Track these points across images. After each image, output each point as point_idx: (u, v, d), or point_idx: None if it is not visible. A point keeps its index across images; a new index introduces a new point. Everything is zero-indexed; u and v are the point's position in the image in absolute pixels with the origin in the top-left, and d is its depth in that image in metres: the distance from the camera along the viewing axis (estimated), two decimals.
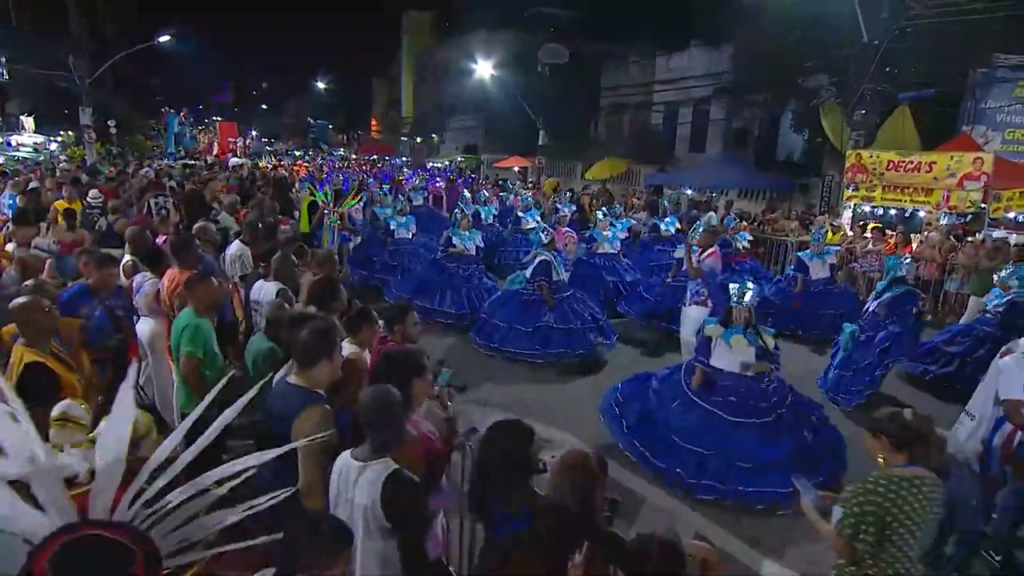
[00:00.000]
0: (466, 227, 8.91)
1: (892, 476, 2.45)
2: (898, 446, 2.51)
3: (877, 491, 2.41)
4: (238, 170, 19.65)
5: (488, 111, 27.98)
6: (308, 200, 10.25)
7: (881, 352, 6.09)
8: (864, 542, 2.41)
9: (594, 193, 18.30)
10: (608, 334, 7.38)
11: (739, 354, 4.70)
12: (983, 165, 10.99)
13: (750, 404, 4.62)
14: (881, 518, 2.38)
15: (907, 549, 2.39)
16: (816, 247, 9.15)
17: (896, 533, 2.38)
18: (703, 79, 20.15)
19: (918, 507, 2.39)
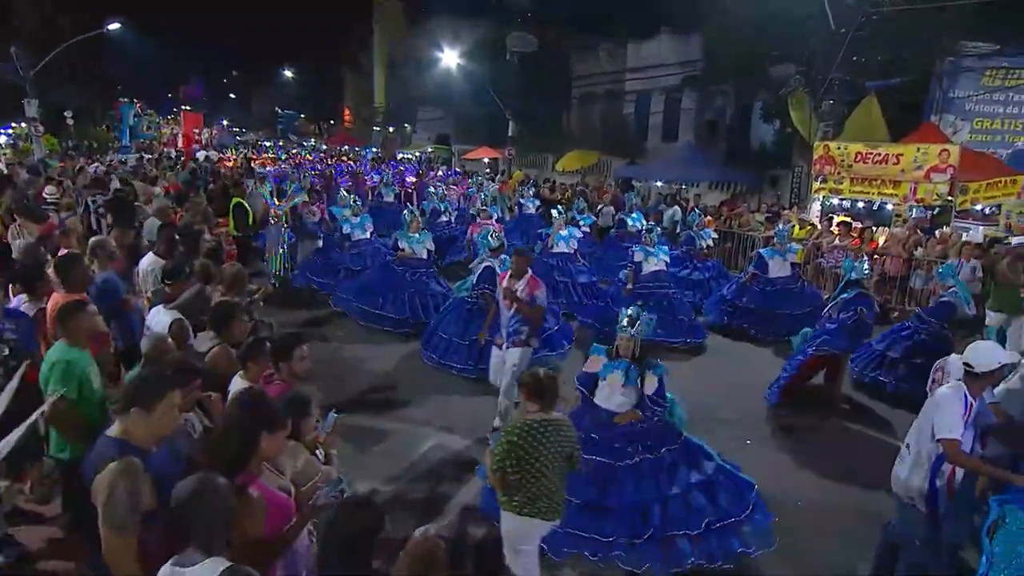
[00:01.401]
0: (416, 229, 8.51)
1: (527, 421, 3.12)
2: (531, 396, 3.18)
3: (514, 434, 3.10)
4: (198, 163, 18.99)
5: (457, 101, 27.43)
6: (235, 200, 9.77)
7: (808, 343, 5.90)
8: (508, 475, 3.07)
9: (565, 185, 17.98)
10: (560, 342, 7.05)
11: (616, 393, 4.11)
12: (949, 157, 10.83)
13: (636, 444, 4.06)
14: (519, 455, 3.04)
15: (544, 479, 3.08)
16: (781, 244, 8.93)
17: (532, 466, 3.06)
18: (674, 67, 19.85)
19: (549, 444, 3.08)
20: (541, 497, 3.11)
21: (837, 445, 5.85)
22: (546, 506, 3.12)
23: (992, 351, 3.23)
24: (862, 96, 13.14)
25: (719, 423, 6.02)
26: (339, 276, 9.69)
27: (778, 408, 6.36)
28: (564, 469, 3.17)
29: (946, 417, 3.13)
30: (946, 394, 3.20)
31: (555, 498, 3.15)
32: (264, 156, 25.72)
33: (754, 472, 4.54)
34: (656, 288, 8.27)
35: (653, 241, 8.34)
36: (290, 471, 2.86)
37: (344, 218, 10.30)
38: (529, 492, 3.09)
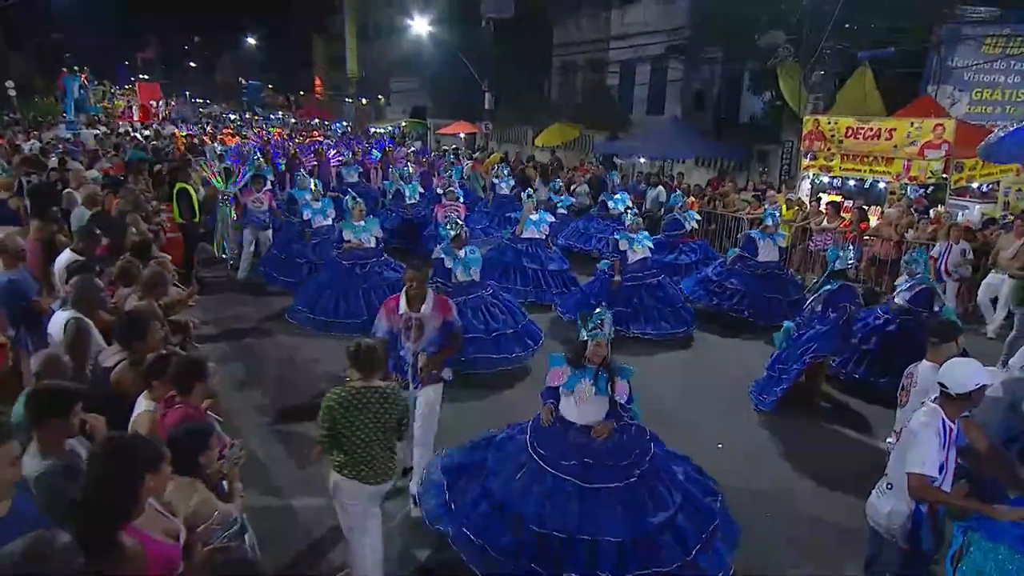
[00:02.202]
0: (359, 217, 8.21)
1: (347, 388, 3.44)
2: (352, 365, 3.50)
3: (333, 400, 3.40)
4: (147, 140, 18.40)
5: (432, 71, 26.85)
6: (178, 187, 9.42)
7: (803, 352, 5.79)
8: (325, 438, 3.45)
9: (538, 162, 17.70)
10: (528, 339, 6.86)
11: (586, 405, 3.87)
12: (944, 132, 10.69)
13: (608, 464, 3.81)
14: (334, 419, 3.38)
15: (365, 445, 3.40)
16: (770, 227, 8.81)
17: (352, 432, 3.37)
18: (660, 35, 19.50)
19: (369, 412, 3.39)
20: (362, 462, 3.42)
21: (815, 447, 5.76)
22: (367, 471, 3.44)
23: (970, 371, 3.08)
24: (855, 67, 12.93)
25: (690, 424, 5.93)
26: (302, 272, 9.31)
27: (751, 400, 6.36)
28: (391, 436, 3.52)
29: (919, 450, 3.02)
30: (921, 423, 3.07)
31: (378, 464, 3.47)
32: (224, 131, 24.91)
33: (724, 478, 4.52)
34: (646, 277, 8.14)
35: (637, 227, 8.15)
36: (183, 511, 2.68)
37: (304, 203, 9.94)
38: (351, 456, 3.42)
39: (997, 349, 7.43)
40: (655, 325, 7.76)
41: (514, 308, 6.96)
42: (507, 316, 6.68)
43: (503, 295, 7.17)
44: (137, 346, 3.73)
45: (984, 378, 3.06)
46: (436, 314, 4.48)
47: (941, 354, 3.66)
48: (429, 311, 4.47)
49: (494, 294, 6.90)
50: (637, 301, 7.81)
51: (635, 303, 7.79)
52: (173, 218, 9.74)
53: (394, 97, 37.69)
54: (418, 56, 27.18)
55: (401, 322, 4.44)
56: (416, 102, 34.32)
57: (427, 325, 4.46)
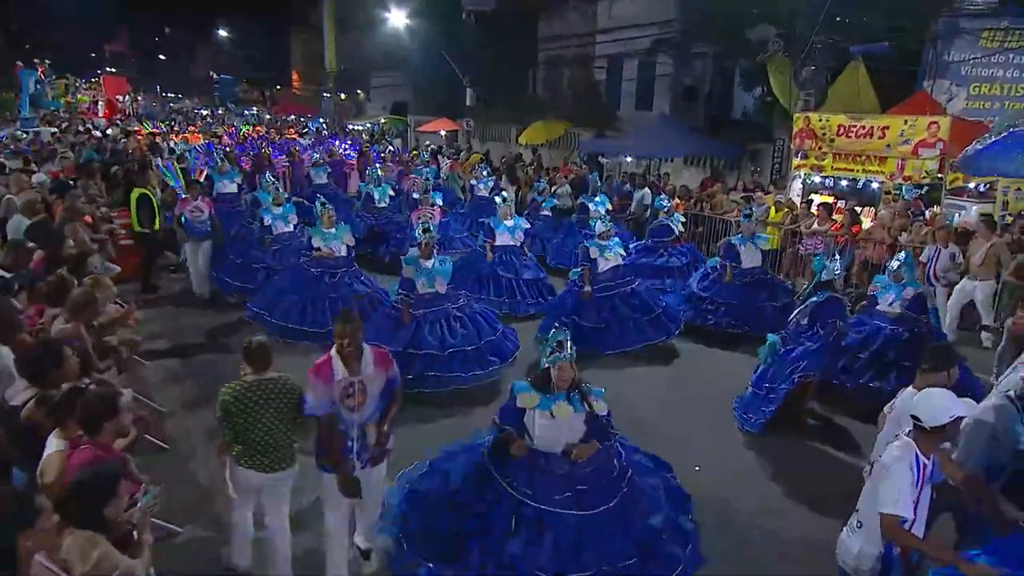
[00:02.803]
0: (329, 223, 8.09)
1: (240, 382, 3.74)
2: (247, 362, 3.81)
3: (226, 395, 3.70)
4: (104, 139, 18.08)
5: (412, 66, 26.65)
6: (138, 193, 9.23)
7: (791, 371, 5.70)
8: (225, 431, 3.75)
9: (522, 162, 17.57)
10: (494, 355, 6.72)
11: (565, 428, 3.81)
12: (939, 130, 10.68)
13: (600, 484, 3.84)
14: (229, 411, 3.67)
15: (261, 435, 3.69)
16: (748, 228, 8.73)
17: (247, 423, 3.67)
18: (649, 28, 19.42)
19: (263, 403, 3.69)
20: (258, 452, 3.74)
21: (802, 466, 5.67)
22: (264, 461, 3.76)
23: (943, 403, 2.97)
24: (847, 62, 12.91)
25: (674, 441, 5.86)
26: (259, 278, 9.17)
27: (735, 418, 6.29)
28: (287, 425, 3.78)
29: (891, 489, 2.91)
30: (894, 458, 2.96)
31: (275, 454, 3.77)
32: (190, 129, 24.56)
33: (711, 495, 4.64)
34: (617, 286, 8.01)
35: (609, 234, 8.04)
36: (79, 569, 2.53)
37: (265, 207, 9.78)
38: (248, 446, 3.73)
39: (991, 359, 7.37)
40: (631, 336, 7.65)
41: (484, 322, 6.80)
42: (470, 332, 6.52)
43: (475, 306, 7.01)
44: (51, 378, 3.57)
45: (959, 410, 2.95)
46: (378, 371, 3.85)
47: (928, 382, 3.54)
48: (371, 370, 3.81)
49: (462, 307, 6.74)
50: (610, 314, 7.66)
51: (607, 317, 7.65)
52: (129, 225, 9.58)
53: (374, 92, 37.44)
54: (399, 50, 26.99)
55: (339, 390, 3.72)
56: (397, 97, 34.08)
57: (371, 387, 3.81)
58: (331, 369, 3.74)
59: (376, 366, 3.84)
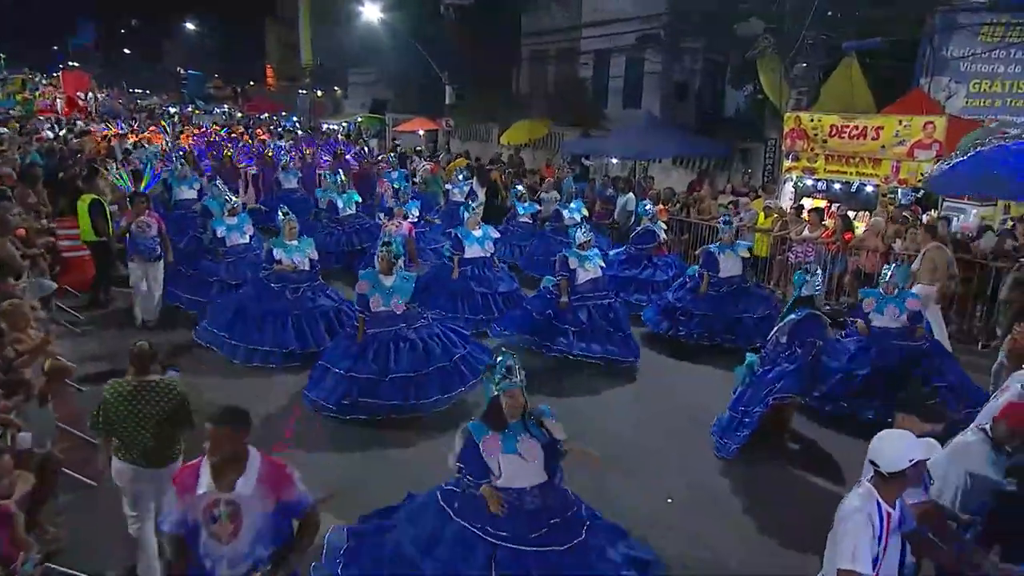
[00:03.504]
0: (292, 235, 7.97)
1: (120, 382, 4.13)
2: (131, 364, 4.16)
3: (108, 392, 4.09)
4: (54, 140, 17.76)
5: (390, 62, 26.52)
6: (89, 199, 9.05)
7: (767, 392, 5.63)
8: (100, 428, 4.12)
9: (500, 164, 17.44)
10: (457, 378, 6.57)
11: (530, 460, 3.84)
12: (935, 131, 10.63)
13: (567, 516, 3.95)
14: (106, 412, 4.06)
15: (138, 433, 4.05)
16: (728, 236, 8.68)
17: (124, 420, 4.04)
18: (636, 23, 19.37)
19: (141, 403, 4.04)
20: (135, 448, 4.07)
21: (777, 499, 5.56)
22: (140, 456, 4.07)
23: (900, 446, 2.88)
24: (840, 58, 12.90)
25: (641, 466, 5.82)
26: (212, 291, 9.02)
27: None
28: (165, 425, 4.08)
29: (848, 541, 2.81)
30: (853, 508, 2.86)
31: (152, 450, 4.08)
32: (150, 129, 24.22)
33: (671, 534, 4.58)
34: (597, 298, 7.93)
35: (589, 244, 7.95)
36: None
37: (217, 217, 9.60)
38: (125, 441, 4.07)
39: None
40: (602, 347, 7.60)
41: (445, 344, 6.64)
42: (419, 357, 6.38)
43: (439, 327, 6.86)
44: None
45: (918, 453, 2.86)
46: (264, 492, 3.03)
47: (906, 426, 3.39)
48: (250, 489, 3.00)
49: (421, 328, 6.60)
50: (586, 320, 7.61)
51: (583, 322, 7.60)
52: (80, 235, 9.38)
53: (352, 89, 37.27)
54: (376, 44, 26.85)
55: (201, 507, 2.98)
56: (376, 94, 33.91)
57: (248, 513, 2.99)
58: (196, 479, 3.03)
59: (262, 485, 3.03)
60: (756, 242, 11.38)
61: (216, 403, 3.45)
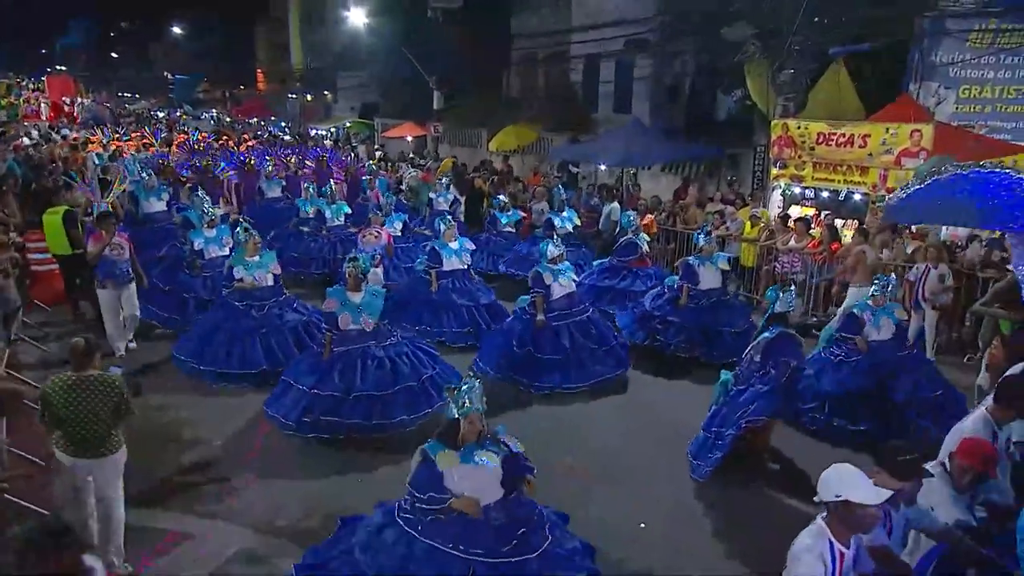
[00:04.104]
0: (254, 251, 7.87)
1: (60, 378, 4.38)
2: (71, 360, 4.46)
3: (49, 388, 4.32)
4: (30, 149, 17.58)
5: (378, 66, 26.47)
6: (63, 210, 8.96)
7: (740, 415, 5.57)
8: (46, 420, 4.38)
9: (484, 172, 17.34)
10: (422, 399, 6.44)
11: (490, 475, 3.97)
12: (922, 139, 10.62)
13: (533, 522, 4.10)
14: (49, 404, 4.28)
15: (79, 426, 4.33)
16: (708, 249, 8.63)
17: (66, 414, 4.29)
18: (626, 26, 19.35)
19: (81, 398, 4.30)
20: (77, 440, 4.38)
21: (752, 523, 5.49)
22: (81, 447, 4.39)
23: (834, 477, 2.84)
24: (827, 64, 12.87)
25: (614, 485, 5.76)
26: (188, 308, 8.89)
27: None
28: (104, 417, 4.39)
29: None
30: (804, 547, 2.80)
31: (91, 441, 4.40)
32: (133, 135, 23.96)
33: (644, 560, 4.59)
34: (574, 313, 7.86)
35: (562, 258, 7.87)
36: None
37: (196, 229, 9.46)
38: (67, 434, 4.37)
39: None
40: (589, 371, 7.50)
41: (414, 363, 6.54)
42: (392, 375, 6.28)
43: (408, 346, 6.77)
44: None
45: (853, 493, 2.78)
46: None
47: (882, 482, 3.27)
48: None
49: (390, 346, 6.52)
50: (569, 345, 7.49)
51: (566, 347, 7.47)
52: (49, 248, 9.29)
53: (342, 93, 37.22)
54: (364, 48, 26.80)
55: None
56: (366, 98, 33.86)
57: None
58: None
59: None
60: (743, 252, 11.34)
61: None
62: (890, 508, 3.15)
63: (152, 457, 6.01)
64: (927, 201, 2.84)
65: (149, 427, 6.62)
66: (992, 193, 2.67)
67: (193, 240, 9.19)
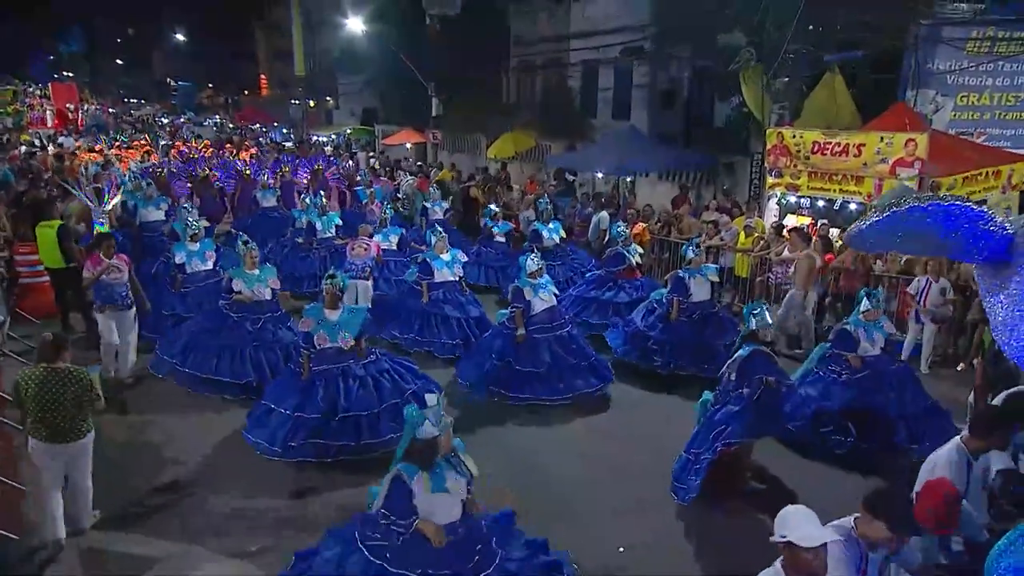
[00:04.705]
0: (252, 265, 7.81)
1: (35, 369, 4.86)
2: (37, 353, 5.06)
3: (20, 378, 4.83)
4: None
5: (378, 72, 26.46)
6: (58, 224, 8.95)
7: (715, 435, 5.47)
8: (22, 408, 4.87)
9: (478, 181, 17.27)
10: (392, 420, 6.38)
11: (457, 497, 4.05)
12: (916, 149, 10.51)
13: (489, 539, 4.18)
14: (20, 394, 4.79)
15: (49, 414, 4.77)
16: (696, 261, 8.55)
17: (37, 402, 4.75)
18: (625, 33, 19.28)
19: (50, 388, 4.78)
20: (46, 427, 4.79)
21: (735, 548, 5.36)
22: (50, 433, 4.82)
23: (784, 519, 2.81)
24: (822, 71, 12.78)
25: (596, 508, 5.66)
26: (167, 325, 8.76)
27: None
28: (72, 406, 4.83)
29: None
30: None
31: (59, 429, 4.84)
32: (134, 144, 24.03)
33: None
34: (555, 328, 7.77)
35: (541, 272, 7.80)
36: None
37: (180, 242, 9.39)
38: (37, 421, 4.78)
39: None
40: (569, 385, 7.43)
41: (395, 380, 6.48)
42: (370, 395, 6.21)
43: (389, 362, 6.70)
44: None
45: (793, 533, 2.71)
46: None
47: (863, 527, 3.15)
48: None
49: (370, 364, 6.45)
50: (549, 358, 7.42)
51: (546, 361, 7.40)
52: (43, 262, 9.26)
53: (343, 100, 37.22)
54: (364, 54, 26.80)
55: None
56: (367, 104, 33.84)
57: None
58: None
59: None
60: (737, 262, 11.25)
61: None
62: (866, 550, 3.06)
63: (125, 477, 5.95)
64: (888, 231, 2.77)
65: (125, 445, 6.60)
66: (954, 225, 2.60)
67: (175, 254, 9.16)
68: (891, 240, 2.96)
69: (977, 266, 2.73)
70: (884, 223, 2.75)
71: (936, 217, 2.57)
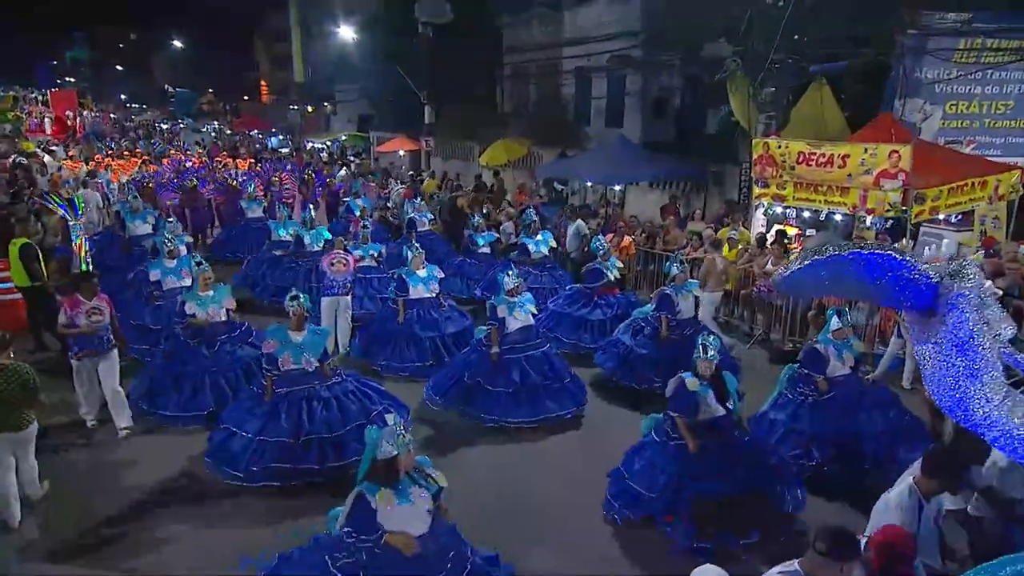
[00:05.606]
0: (206, 286, 7.69)
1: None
2: None
3: None
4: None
5: (370, 80, 26.48)
6: (20, 242, 8.89)
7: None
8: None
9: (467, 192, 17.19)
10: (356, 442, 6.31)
11: (422, 509, 4.09)
12: (900, 160, 10.39)
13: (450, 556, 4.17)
14: None
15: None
16: (681, 277, 8.47)
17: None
18: (617, 41, 19.23)
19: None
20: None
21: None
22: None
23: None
24: (810, 81, 12.69)
25: (569, 534, 5.59)
26: (131, 335, 8.55)
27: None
28: (19, 399, 5.39)
29: None
30: None
31: (5, 420, 5.39)
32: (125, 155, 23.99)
33: None
34: (530, 347, 7.67)
35: (519, 290, 7.71)
36: None
37: (155, 260, 9.28)
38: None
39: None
40: (540, 407, 7.30)
41: (361, 401, 6.41)
42: (333, 417, 6.13)
43: (354, 383, 6.64)
44: None
45: None
46: None
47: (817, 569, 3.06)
48: None
49: (335, 385, 6.38)
50: (521, 379, 7.31)
51: (516, 381, 7.29)
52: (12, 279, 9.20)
53: (340, 106, 37.28)
54: (359, 61, 26.82)
55: None
56: (363, 111, 33.89)
57: None
58: None
59: None
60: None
61: None
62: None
63: (82, 504, 5.89)
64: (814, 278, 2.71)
65: (87, 468, 6.53)
66: (877, 273, 2.53)
67: (150, 271, 9.06)
68: (819, 285, 2.89)
69: (905, 314, 2.66)
70: (806, 271, 2.68)
71: (857, 265, 2.50)
